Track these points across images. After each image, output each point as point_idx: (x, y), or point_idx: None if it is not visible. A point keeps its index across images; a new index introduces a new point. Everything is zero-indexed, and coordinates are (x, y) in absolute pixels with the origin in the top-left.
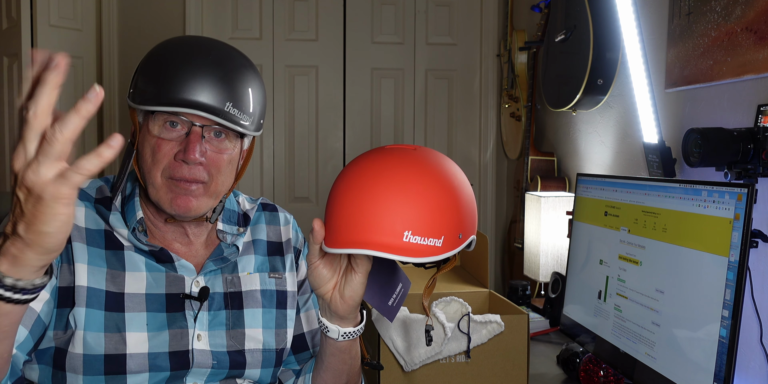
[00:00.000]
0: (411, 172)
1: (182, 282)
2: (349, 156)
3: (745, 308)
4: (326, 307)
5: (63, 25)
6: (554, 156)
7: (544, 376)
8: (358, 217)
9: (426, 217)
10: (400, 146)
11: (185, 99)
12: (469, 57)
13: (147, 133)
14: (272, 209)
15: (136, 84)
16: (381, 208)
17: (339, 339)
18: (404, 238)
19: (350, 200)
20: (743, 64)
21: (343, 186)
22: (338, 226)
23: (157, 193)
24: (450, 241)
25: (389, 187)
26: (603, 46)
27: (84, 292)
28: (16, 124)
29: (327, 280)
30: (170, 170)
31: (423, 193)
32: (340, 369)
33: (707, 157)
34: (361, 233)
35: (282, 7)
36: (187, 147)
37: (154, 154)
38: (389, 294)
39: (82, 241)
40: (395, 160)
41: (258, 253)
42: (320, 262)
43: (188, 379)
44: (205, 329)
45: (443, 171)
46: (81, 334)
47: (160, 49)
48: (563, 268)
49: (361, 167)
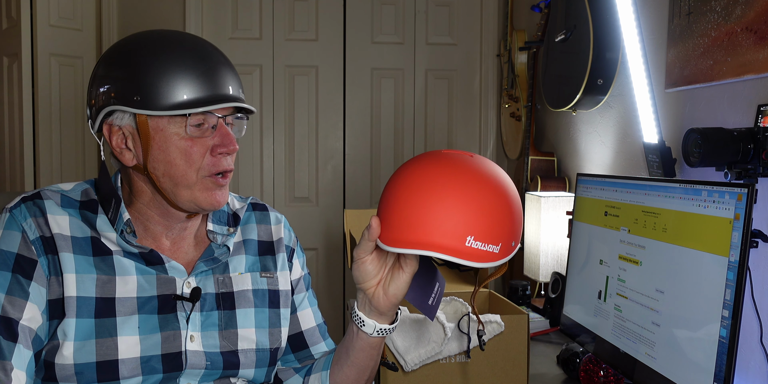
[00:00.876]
0: (473, 179)
1: (173, 283)
2: (349, 156)
3: (745, 308)
4: (366, 302)
5: (63, 25)
6: (554, 156)
7: (544, 376)
8: (421, 218)
9: (488, 224)
10: (457, 152)
11: (221, 95)
12: (469, 57)
13: (165, 136)
14: (262, 209)
15: (144, 90)
16: (446, 211)
17: (373, 334)
18: (466, 242)
19: (413, 201)
20: (743, 64)
21: (404, 186)
22: (399, 225)
23: (192, 193)
24: (505, 247)
25: (453, 192)
26: (603, 46)
27: (73, 302)
28: (17, 124)
29: (372, 276)
30: (210, 167)
31: (486, 200)
32: (365, 365)
33: (707, 157)
34: (423, 234)
35: (282, 7)
36: (226, 140)
37: (188, 155)
38: (428, 293)
39: (68, 250)
40: (457, 166)
41: (249, 253)
42: (368, 258)
43: (181, 380)
44: (197, 330)
45: (501, 179)
46: (71, 344)
47: (150, 52)
48: (563, 268)
49: (422, 169)
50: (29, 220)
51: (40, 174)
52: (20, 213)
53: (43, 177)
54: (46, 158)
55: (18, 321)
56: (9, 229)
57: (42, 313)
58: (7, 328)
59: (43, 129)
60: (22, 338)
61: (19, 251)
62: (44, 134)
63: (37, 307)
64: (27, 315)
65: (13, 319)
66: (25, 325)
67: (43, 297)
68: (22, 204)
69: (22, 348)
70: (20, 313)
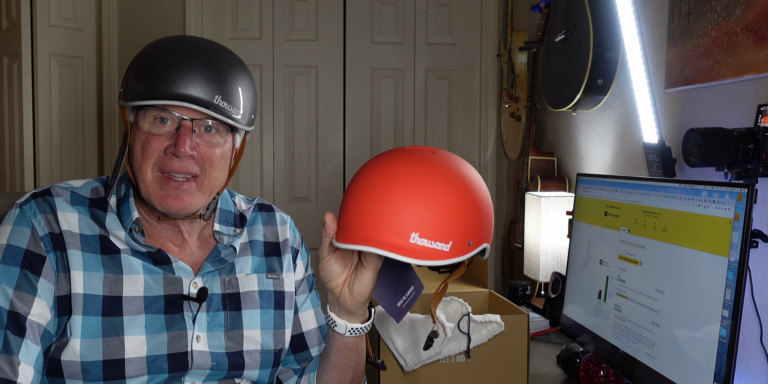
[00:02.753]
0: (425, 174)
1: (180, 283)
2: (349, 156)
3: (745, 308)
4: (335, 302)
5: (63, 25)
6: (554, 156)
7: (544, 376)
8: (368, 214)
9: (435, 221)
10: (420, 148)
11: (174, 92)
12: (469, 57)
13: (137, 130)
14: (269, 210)
15: (127, 83)
16: (391, 207)
17: (346, 334)
18: (411, 239)
19: (363, 197)
20: (743, 64)
21: (358, 183)
22: (349, 222)
23: (148, 190)
24: (459, 246)
25: (402, 187)
26: (603, 46)
27: (80, 299)
28: (17, 124)
29: (338, 274)
30: (160, 164)
31: (434, 196)
32: (346, 366)
33: (707, 157)
34: (369, 231)
35: (282, 7)
36: (178, 140)
37: (144, 149)
38: (399, 295)
39: (77, 248)
40: (412, 161)
41: (255, 254)
42: (331, 256)
43: (186, 379)
44: (203, 330)
45: (460, 175)
46: (77, 341)
47: (150, 48)
48: (563, 268)
49: (378, 165)
50: (38, 217)
51: (40, 174)
52: (30, 209)
53: (43, 177)
54: (45, 158)
55: (26, 316)
56: (19, 225)
57: (51, 309)
58: (15, 323)
59: (42, 129)
60: (29, 333)
61: (29, 247)
62: (44, 134)
63: (45, 303)
64: (35, 310)
65: (22, 314)
66: (33, 320)
67: (51, 293)
68: (32, 200)
69: (29, 343)
70: (29, 309)
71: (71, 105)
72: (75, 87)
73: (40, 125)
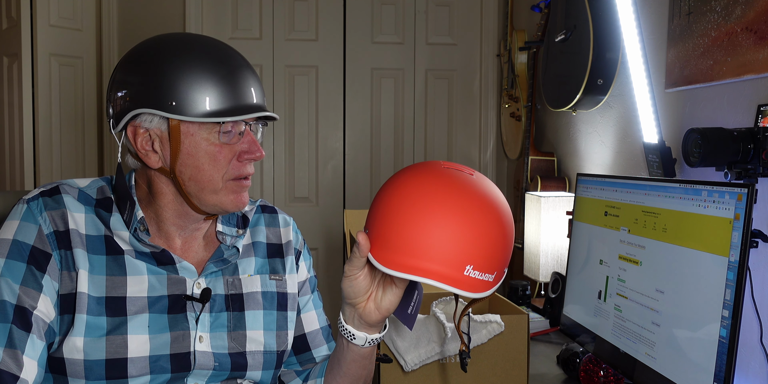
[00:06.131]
0: (476, 205)
1: (183, 284)
2: (349, 156)
3: (745, 308)
4: (355, 316)
5: (63, 25)
6: (554, 156)
7: (544, 376)
8: (420, 241)
9: (488, 254)
10: (458, 167)
11: (253, 105)
12: (469, 57)
13: (197, 142)
14: (271, 211)
15: (180, 96)
16: (447, 237)
17: (364, 346)
18: (465, 271)
19: (412, 221)
20: (743, 64)
21: (401, 200)
22: (395, 245)
23: (217, 197)
24: (499, 275)
25: (456, 216)
26: (603, 46)
27: (85, 298)
28: (17, 124)
29: (364, 291)
30: (234, 171)
31: (487, 228)
32: (359, 375)
33: (707, 157)
34: (421, 259)
35: (282, 7)
36: (253, 147)
37: (215, 160)
38: (408, 301)
39: (83, 247)
40: (459, 186)
41: (258, 256)
42: (360, 274)
43: (189, 380)
44: (206, 331)
45: (502, 204)
46: (80, 340)
47: (183, 58)
48: (563, 268)
49: (421, 184)
50: (44, 214)
51: (40, 174)
52: (37, 206)
53: (43, 177)
54: (45, 158)
55: (32, 311)
56: (26, 221)
57: (54, 306)
58: (21, 317)
59: (42, 129)
60: (35, 328)
61: (35, 244)
62: (44, 134)
63: (49, 300)
64: (41, 306)
65: (28, 309)
66: (38, 315)
67: (54, 291)
68: (39, 197)
69: (35, 338)
70: (35, 304)
71: (71, 105)
72: (75, 87)
73: (40, 125)
